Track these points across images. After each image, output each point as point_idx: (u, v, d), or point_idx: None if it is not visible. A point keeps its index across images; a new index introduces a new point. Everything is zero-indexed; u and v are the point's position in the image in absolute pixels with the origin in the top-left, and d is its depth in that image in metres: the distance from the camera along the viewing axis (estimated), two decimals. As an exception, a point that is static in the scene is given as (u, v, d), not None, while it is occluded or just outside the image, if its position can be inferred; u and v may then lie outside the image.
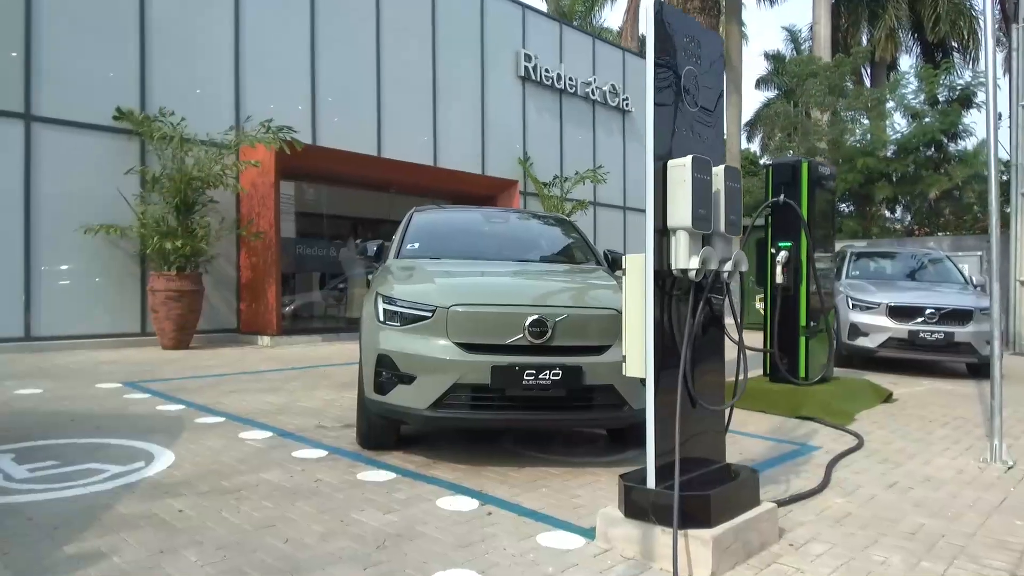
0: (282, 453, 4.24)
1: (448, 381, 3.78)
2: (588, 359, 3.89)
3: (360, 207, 13.01)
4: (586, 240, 5.65)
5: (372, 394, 4.03)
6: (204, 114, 9.79)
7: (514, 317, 3.84)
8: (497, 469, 4.03)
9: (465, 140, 13.69)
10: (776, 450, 4.77)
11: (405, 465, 4.05)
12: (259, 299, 10.04)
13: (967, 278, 10.08)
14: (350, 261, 12.83)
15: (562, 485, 3.78)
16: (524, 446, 4.56)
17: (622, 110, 17.09)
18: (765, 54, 34.64)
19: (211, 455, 4.15)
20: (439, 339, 3.85)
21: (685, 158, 2.91)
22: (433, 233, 5.41)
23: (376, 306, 4.14)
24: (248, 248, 10.23)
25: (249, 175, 9.81)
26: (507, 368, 3.76)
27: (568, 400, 3.89)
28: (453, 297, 3.93)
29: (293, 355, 8.93)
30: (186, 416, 5.21)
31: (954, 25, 20.04)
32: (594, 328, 3.96)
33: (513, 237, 5.64)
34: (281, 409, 5.55)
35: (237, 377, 7.10)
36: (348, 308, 12.58)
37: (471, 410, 3.85)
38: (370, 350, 4.06)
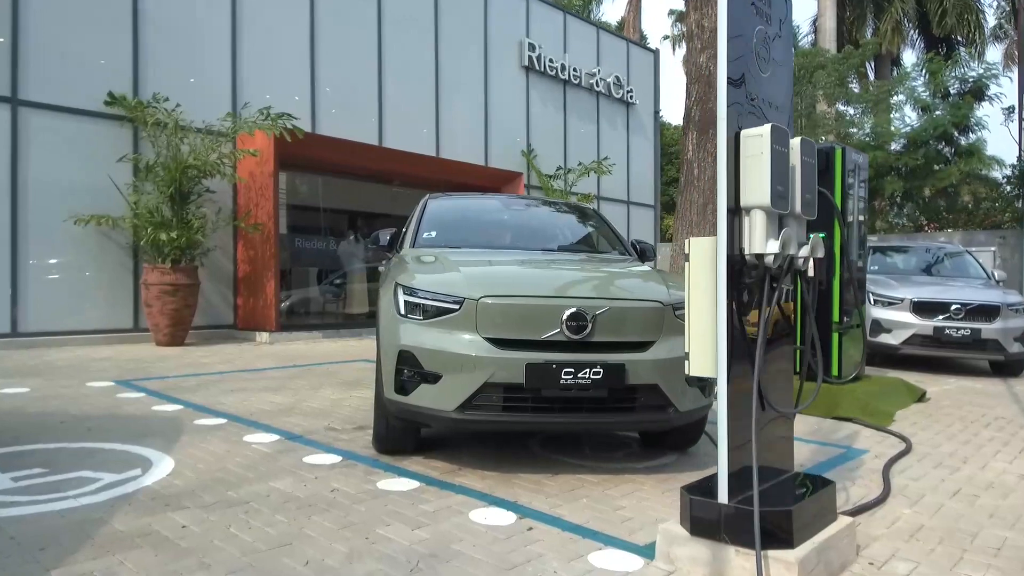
0: (292, 458, 3.88)
1: (478, 380, 3.42)
2: (631, 356, 3.54)
3: (360, 200, 12.63)
4: (612, 229, 5.30)
5: (392, 394, 3.67)
6: (199, 102, 9.38)
7: (550, 310, 3.49)
8: (528, 476, 3.68)
9: (468, 131, 13.32)
10: (822, 454, 4.44)
11: (427, 472, 3.70)
12: (257, 294, 9.65)
13: (989, 273, 9.79)
14: (349, 255, 12.45)
15: (602, 495, 3.43)
16: (552, 450, 4.21)
17: (626, 102, 16.75)
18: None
19: (214, 461, 3.79)
20: (467, 334, 3.50)
21: (762, 127, 2.57)
22: (450, 221, 5.05)
23: (396, 298, 3.78)
24: (245, 241, 9.83)
25: (247, 165, 9.42)
26: (543, 366, 3.41)
27: (609, 401, 3.55)
28: (482, 288, 3.57)
29: (294, 352, 8.55)
30: (184, 417, 4.84)
31: (960, 19, 19.78)
32: (637, 322, 3.61)
33: (536, 225, 5.28)
34: (286, 409, 5.18)
35: (236, 375, 6.72)
36: (348, 304, 12.19)
37: (503, 412, 3.49)
38: (389, 346, 3.70)
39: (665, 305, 3.67)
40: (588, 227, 5.37)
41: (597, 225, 5.36)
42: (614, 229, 5.29)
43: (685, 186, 7.03)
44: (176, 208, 8.68)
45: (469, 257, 4.21)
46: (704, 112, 6.95)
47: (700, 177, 6.91)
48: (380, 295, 4.13)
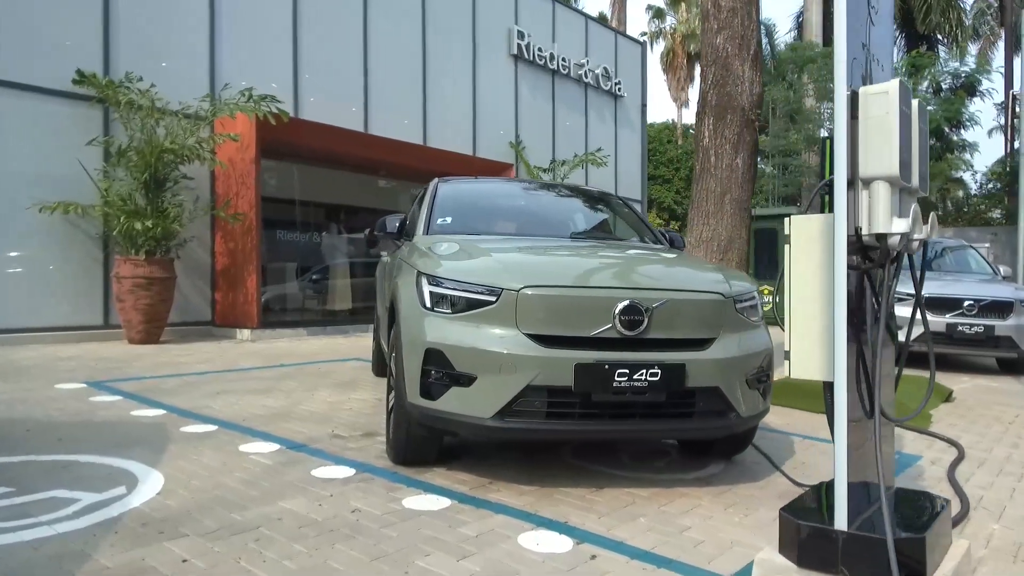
0: (299, 472, 3.41)
1: (519, 383, 2.99)
2: (691, 355, 3.14)
3: (344, 192, 12.05)
4: (640, 216, 4.90)
5: (417, 398, 3.21)
6: (174, 84, 8.76)
7: (601, 302, 3.06)
8: (570, 491, 3.26)
9: (456, 120, 12.84)
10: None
11: (456, 486, 3.25)
12: (237, 288, 9.08)
13: (994, 268, 9.60)
14: (332, 250, 11.89)
15: (659, 512, 3.02)
16: (587, 459, 3.80)
17: (614, 95, 16.40)
18: None
19: (210, 476, 3.30)
20: (505, 329, 3.06)
21: (887, 83, 2.17)
22: (466, 205, 4.61)
23: (419, 289, 3.32)
24: (224, 232, 9.25)
25: (226, 151, 8.84)
26: (594, 367, 2.99)
27: (666, 406, 3.14)
28: (522, 277, 3.14)
29: (278, 350, 8.02)
30: (169, 423, 4.33)
31: (944, 16, 19.78)
32: (697, 317, 3.21)
33: (559, 210, 4.86)
34: (282, 414, 4.69)
35: (220, 376, 6.20)
36: (331, 300, 11.64)
37: (546, 420, 3.06)
38: (413, 344, 3.24)
39: (726, 297, 3.27)
40: (614, 213, 4.95)
41: (622, 212, 4.95)
42: (641, 216, 4.88)
43: (701, 174, 6.65)
44: (151, 195, 8.08)
45: (497, 244, 3.77)
46: (722, 96, 6.57)
47: (718, 165, 6.54)
48: (396, 287, 3.67)
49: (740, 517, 3.03)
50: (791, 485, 3.46)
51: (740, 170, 6.54)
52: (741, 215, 6.55)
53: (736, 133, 6.53)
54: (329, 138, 9.90)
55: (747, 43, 6.63)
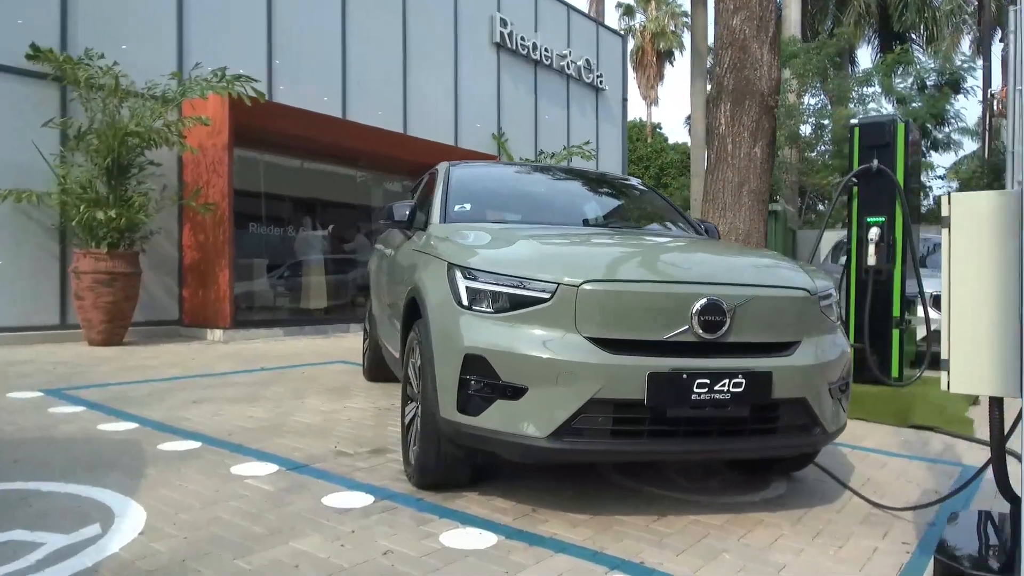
0: (307, 500, 2.88)
1: (581, 396, 2.51)
2: (776, 362, 2.69)
3: (320, 185, 11.41)
4: (672, 204, 4.45)
5: (452, 413, 2.71)
6: (139, 64, 8.02)
7: (677, 299, 2.60)
8: (629, 520, 2.79)
9: (437, 109, 12.28)
10: (942, 475, 3.70)
11: (496, 516, 2.76)
12: (208, 285, 8.42)
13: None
14: (307, 245, 11.24)
15: (743, 547, 2.58)
16: (633, 478, 3.34)
17: (596, 88, 16.00)
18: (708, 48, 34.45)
19: (202, 508, 2.75)
20: (562, 332, 2.57)
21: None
22: (486, 191, 4.11)
23: (453, 283, 2.82)
24: (193, 223, 8.57)
25: (196, 136, 8.16)
26: (671, 376, 2.53)
27: (747, 421, 2.69)
28: (582, 270, 2.66)
29: (255, 352, 7.40)
30: (143, 440, 3.75)
31: (919, 15, 19.84)
32: (782, 317, 2.76)
33: (588, 198, 4.39)
34: (272, 427, 4.14)
35: (195, 381, 5.59)
36: (306, 298, 10.98)
37: (611, 439, 2.59)
38: (448, 349, 2.74)
39: (812, 295, 2.83)
40: (650, 202, 4.48)
41: (653, 199, 4.49)
42: (674, 204, 4.44)
43: (716, 164, 6.25)
44: (114, 183, 7.38)
45: (533, 233, 3.28)
46: (739, 80, 6.17)
47: (735, 154, 6.14)
48: (419, 282, 3.16)
49: (834, 550, 2.60)
50: (869, 506, 3.06)
51: (759, 159, 6.16)
52: (759, 207, 6.16)
53: (754, 120, 6.14)
54: (305, 124, 9.26)
55: (765, 25, 6.25)
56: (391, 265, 4.41)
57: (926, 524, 2.91)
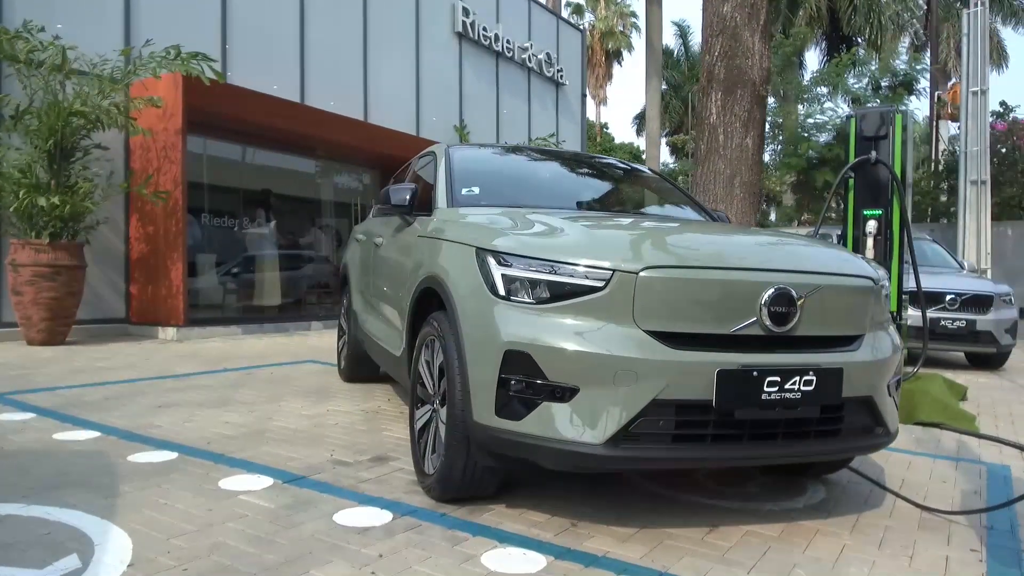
0: (317, 518, 2.52)
1: (643, 397, 2.23)
2: (845, 357, 2.47)
3: (275, 176, 10.83)
4: (684, 191, 4.21)
5: (489, 417, 2.39)
6: (82, 42, 7.36)
7: (744, 288, 2.35)
8: (680, 532, 2.54)
9: (398, 97, 11.84)
10: (971, 473, 3.58)
11: (535, 532, 2.46)
12: (159, 280, 7.83)
13: (959, 262, 9.56)
14: (261, 239, 10.66)
15: (813, 561, 2.35)
16: (660, 483, 3.09)
17: (556, 82, 15.78)
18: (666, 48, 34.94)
19: (198, 532, 2.37)
20: (618, 325, 2.29)
21: None
22: (494, 174, 3.80)
23: (486, 271, 2.50)
24: (142, 213, 7.96)
25: (146, 119, 7.55)
26: (741, 374, 2.28)
27: (812, 423, 2.46)
28: (641, 254, 2.38)
29: (214, 352, 6.89)
30: (111, 451, 3.31)
31: (867, 19, 20.32)
32: (848, 307, 2.55)
33: (606, 184, 4.13)
34: (254, 433, 3.74)
35: (156, 384, 5.10)
36: (260, 294, 10.41)
37: (672, 444, 2.31)
38: (484, 345, 2.42)
39: (876, 284, 2.62)
40: (661, 187, 4.22)
41: (663, 185, 4.24)
42: (684, 190, 4.20)
43: (707, 155, 6.07)
44: (56, 167, 6.75)
45: (566, 216, 2.98)
46: (731, 69, 6.00)
47: (727, 144, 5.97)
48: (439, 271, 2.83)
49: (906, 560, 2.40)
50: (918, 510, 2.89)
51: (750, 150, 6.01)
52: (751, 200, 6.01)
53: (746, 110, 5.98)
54: (262, 108, 8.71)
55: (756, 13, 6.10)
56: (385, 254, 4.05)
57: (983, 528, 2.74)
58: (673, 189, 4.16)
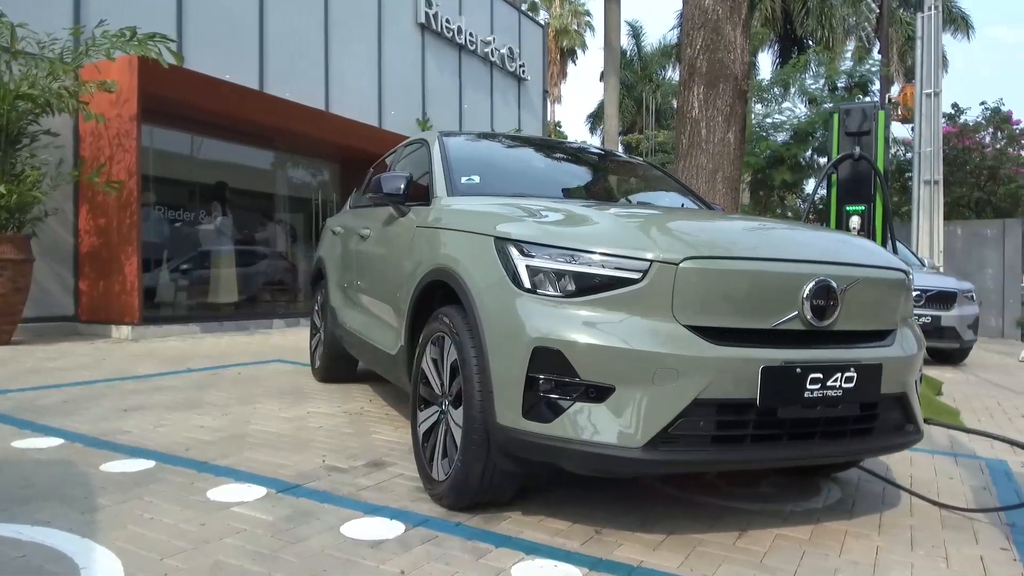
0: (323, 532, 2.32)
1: (684, 396, 2.10)
2: (881, 352, 2.39)
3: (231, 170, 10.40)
4: (682, 183, 4.11)
5: (516, 419, 2.22)
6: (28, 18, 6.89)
7: (787, 281, 2.24)
8: (710, 538, 2.41)
9: (360, 88, 11.52)
10: (972, 468, 3.56)
11: (561, 543, 2.31)
12: (111, 276, 7.39)
13: (920, 259, 9.77)
14: (215, 234, 10.23)
15: (853, 566, 2.27)
16: (673, 485, 2.97)
17: (518, 77, 15.64)
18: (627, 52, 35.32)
19: (193, 549, 2.14)
20: (657, 320, 2.15)
21: None
22: (494, 164, 3.63)
23: (508, 262, 2.33)
24: (93, 205, 7.51)
25: (99, 104, 7.11)
26: (784, 371, 2.16)
27: (849, 421, 2.36)
28: (680, 244, 2.24)
29: (175, 352, 6.53)
30: (79, 460, 3.03)
31: (819, 21, 20.76)
32: (883, 301, 2.48)
33: (608, 175, 4.00)
34: (234, 438, 3.49)
35: (116, 386, 4.77)
36: (215, 291, 9.98)
37: (711, 446, 2.18)
38: (509, 341, 2.25)
39: (908, 277, 2.55)
40: (662, 180, 4.10)
41: (665, 178, 4.13)
42: (681, 182, 4.10)
43: (689, 149, 5.99)
44: (1, 155, 6.28)
45: (583, 205, 2.83)
46: (713, 63, 5.94)
47: (709, 139, 5.91)
48: (448, 260, 2.65)
49: (942, 562, 2.33)
50: (937, 508, 2.84)
51: (732, 145, 5.96)
52: (733, 196, 5.96)
53: (728, 104, 5.93)
54: (220, 96, 8.32)
55: (738, 7, 6.05)
56: (374, 247, 3.83)
57: (1005, 526, 2.70)
58: (672, 180, 4.05)
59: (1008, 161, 13.56)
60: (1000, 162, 13.57)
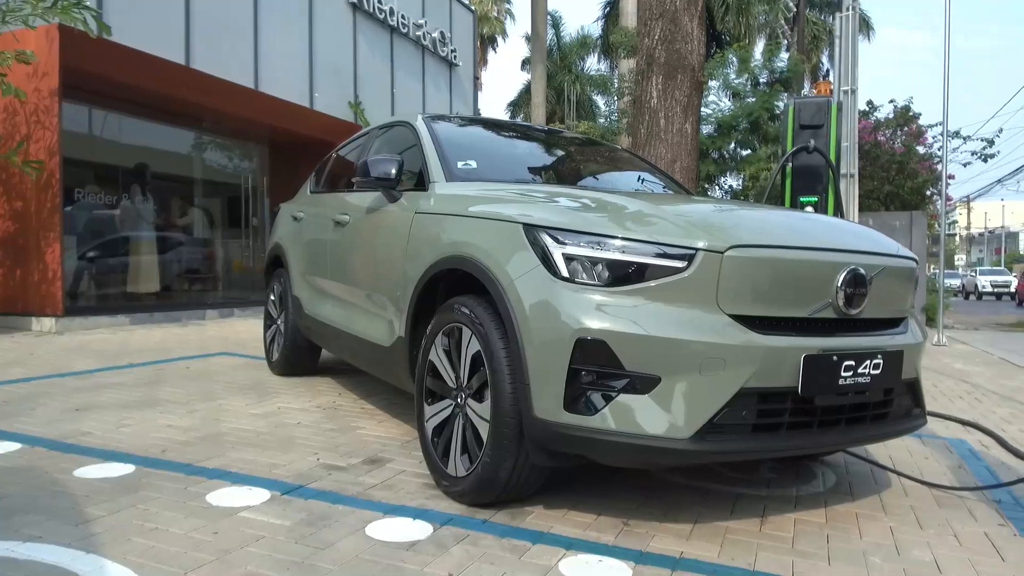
0: (349, 535, 2.19)
1: (731, 386, 2.09)
2: (900, 339, 2.45)
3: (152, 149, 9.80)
4: (662, 170, 4.12)
5: (556, 413, 2.16)
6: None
7: (825, 269, 2.28)
8: (736, 525, 2.44)
9: (291, 67, 11.02)
10: (940, 448, 3.74)
11: (595, 536, 2.28)
12: (30, 264, 6.83)
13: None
14: (136, 219, 9.63)
15: (877, 548, 2.33)
16: (675, 472, 2.98)
17: (450, 63, 15.40)
18: (526, 37, 35.58)
19: (216, 561, 1.98)
20: (701, 309, 2.13)
21: None
22: (487, 150, 3.53)
23: (542, 250, 2.26)
24: (8, 187, 6.90)
25: (16, 77, 6.51)
26: (823, 359, 2.19)
27: (870, 407, 2.42)
28: (724, 232, 2.22)
29: (109, 345, 6.10)
30: (47, 466, 2.76)
31: (738, 18, 21.43)
32: (901, 289, 2.54)
33: (598, 162, 3.94)
34: (210, 437, 3.27)
35: (56, 384, 4.41)
36: (135, 280, 9.40)
37: (751, 435, 2.19)
38: (549, 333, 2.18)
39: (917, 266, 2.63)
40: (647, 168, 4.08)
41: (647, 165, 4.12)
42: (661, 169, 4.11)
43: (648, 139, 6.04)
44: (-97, 130, 5.67)
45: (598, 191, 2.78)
46: (671, 53, 6.00)
47: (668, 129, 5.97)
48: (468, 247, 2.54)
49: (952, 539, 2.42)
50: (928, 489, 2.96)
51: (689, 136, 6.05)
52: (691, 186, 6.06)
53: (686, 95, 6.01)
54: (144, 70, 7.78)
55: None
56: (358, 235, 3.65)
57: (993, 502, 2.84)
58: (656, 169, 4.05)
59: (915, 157, 14.38)
60: (908, 157, 14.36)
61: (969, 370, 6.56)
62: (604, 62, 32.00)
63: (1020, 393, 5.40)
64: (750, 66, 15.21)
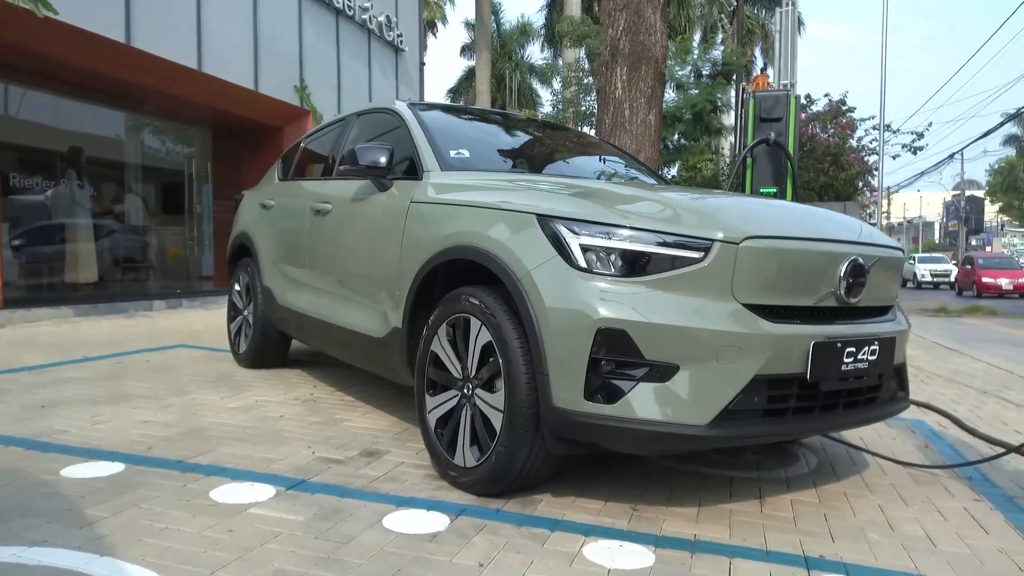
0: (370, 529, 2.17)
1: (746, 373, 2.16)
2: (891, 327, 2.58)
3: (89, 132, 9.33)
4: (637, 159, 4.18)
5: (576, 402, 2.18)
6: None
7: (830, 259, 2.37)
8: (738, 507, 2.52)
9: (235, 47, 10.60)
10: (904, 430, 3.94)
11: (608, 522, 2.32)
12: (-38, 252, 6.44)
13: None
14: (69, 205, 9.17)
15: (872, 524, 2.45)
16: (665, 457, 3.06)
17: (396, 47, 15.15)
18: (467, 23, 35.54)
19: (240, 559, 1.93)
20: (717, 299, 2.19)
21: None
22: (478, 139, 3.50)
23: (559, 241, 2.27)
24: (-65, 172, 6.48)
25: (-56, 54, 6.11)
26: (829, 347, 2.28)
27: (864, 392, 2.53)
28: (739, 223, 2.27)
29: (57, 339, 5.81)
30: (30, 467, 2.63)
31: (679, 10, 21.80)
32: (892, 279, 2.67)
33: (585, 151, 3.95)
34: (193, 433, 3.17)
35: (12, 379, 4.19)
36: (71, 269, 8.97)
37: (762, 420, 2.26)
38: (569, 323, 2.20)
39: (904, 256, 2.75)
40: (627, 158, 4.13)
41: (629, 155, 4.17)
42: (645, 164, 4.17)
43: (612, 129, 6.11)
44: None
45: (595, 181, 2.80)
46: (635, 44, 6.07)
47: (632, 120, 6.05)
48: (479, 239, 2.53)
49: (937, 515, 2.56)
50: (907, 467, 3.11)
51: (652, 127, 6.14)
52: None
53: (650, 86, 6.10)
54: (83, 48, 7.39)
55: (658, -10, 6.21)
56: (343, 224, 3.57)
57: (965, 479, 3.00)
58: (636, 160, 4.10)
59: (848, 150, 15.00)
60: (841, 150, 14.95)
61: (909, 354, 6.91)
62: (548, 51, 32.04)
63: (959, 375, 5.71)
64: (692, 57, 15.51)
